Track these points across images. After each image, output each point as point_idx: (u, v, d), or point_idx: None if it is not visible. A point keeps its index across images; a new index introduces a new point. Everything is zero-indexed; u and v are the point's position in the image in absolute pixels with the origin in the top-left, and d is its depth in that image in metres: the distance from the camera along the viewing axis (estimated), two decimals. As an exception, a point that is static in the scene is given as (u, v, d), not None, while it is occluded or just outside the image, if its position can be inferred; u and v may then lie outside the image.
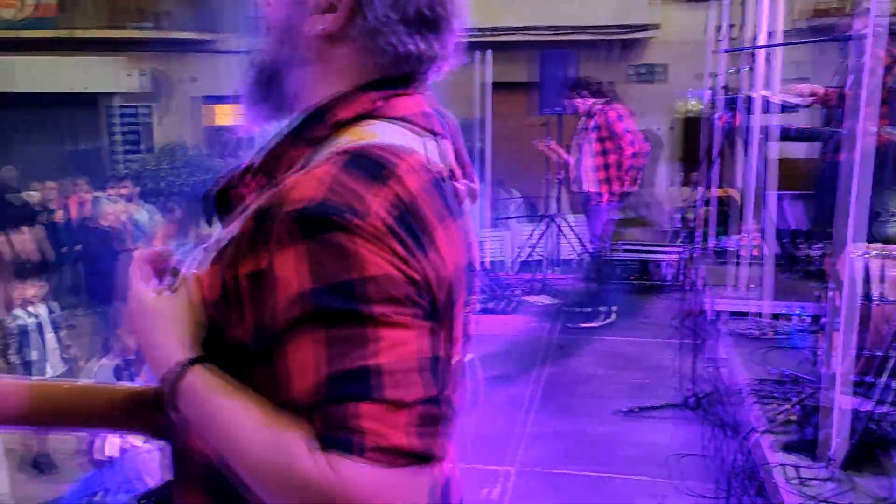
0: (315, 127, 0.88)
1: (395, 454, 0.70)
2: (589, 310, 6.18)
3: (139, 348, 0.91)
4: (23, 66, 11.05)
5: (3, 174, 9.71)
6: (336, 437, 0.70)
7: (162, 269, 0.94)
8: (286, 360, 0.75)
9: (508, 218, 8.28)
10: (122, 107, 11.51)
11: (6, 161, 11.68)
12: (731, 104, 5.02)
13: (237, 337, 0.82)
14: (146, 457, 3.13)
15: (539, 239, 7.44)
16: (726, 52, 5.45)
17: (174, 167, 10.23)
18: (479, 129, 7.83)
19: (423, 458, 0.73)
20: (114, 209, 7.50)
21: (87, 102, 11.45)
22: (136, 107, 11.50)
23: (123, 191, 8.41)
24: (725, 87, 5.40)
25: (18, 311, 4.98)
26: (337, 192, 0.76)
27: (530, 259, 7.61)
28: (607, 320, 6.10)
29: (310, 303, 0.73)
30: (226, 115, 11.84)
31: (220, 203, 0.96)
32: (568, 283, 7.31)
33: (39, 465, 4.99)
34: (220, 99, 11.45)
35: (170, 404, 0.83)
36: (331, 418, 0.71)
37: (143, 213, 8.09)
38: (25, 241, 6.85)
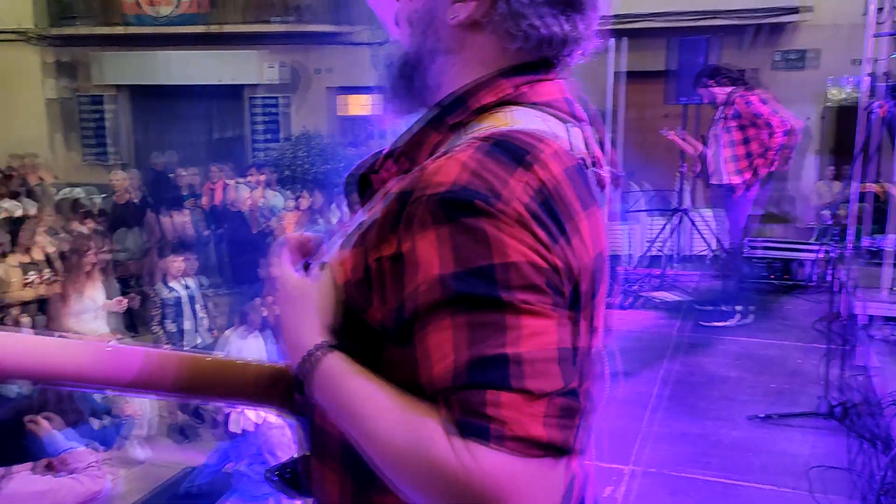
0: (456, 113, 0.88)
1: (533, 445, 0.69)
2: (723, 308, 5.89)
3: (278, 329, 0.93)
4: (176, 59, 11.93)
5: (165, 159, 10.51)
6: (474, 423, 0.70)
7: (307, 254, 0.96)
8: (425, 342, 0.75)
9: (637, 211, 8.03)
10: (262, 97, 12.17)
11: (159, 147, 12.66)
12: (893, 92, 4.63)
13: (376, 318, 0.83)
14: (277, 432, 3.29)
15: (665, 233, 7.18)
16: (889, 35, 5.02)
17: (308, 155, 10.67)
18: (611, 119, 7.64)
19: (560, 450, 0.71)
20: (251, 194, 7.93)
21: (232, 94, 12.20)
22: (275, 97, 12.12)
23: (261, 177, 8.88)
24: (886, 74, 4.99)
25: (174, 283, 5.40)
26: (479, 177, 0.75)
27: (651, 254, 7.36)
28: (743, 320, 5.79)
29: (450, 287, 0.73)
30: (358, 106, 12.24)
31: (362, 187, 0.97)
32: (696, 279, 7.02)
33: (184, 431, 5.39)
34: (353, 90, 11.85)
35: (305, 388, 0.85)
36: (469, 405, 0.70)
37: (278, 199, 8.50)
38: (183, 220, 7.39)
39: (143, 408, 4.70)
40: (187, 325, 5.37)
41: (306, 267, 0.94)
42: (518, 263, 0.73)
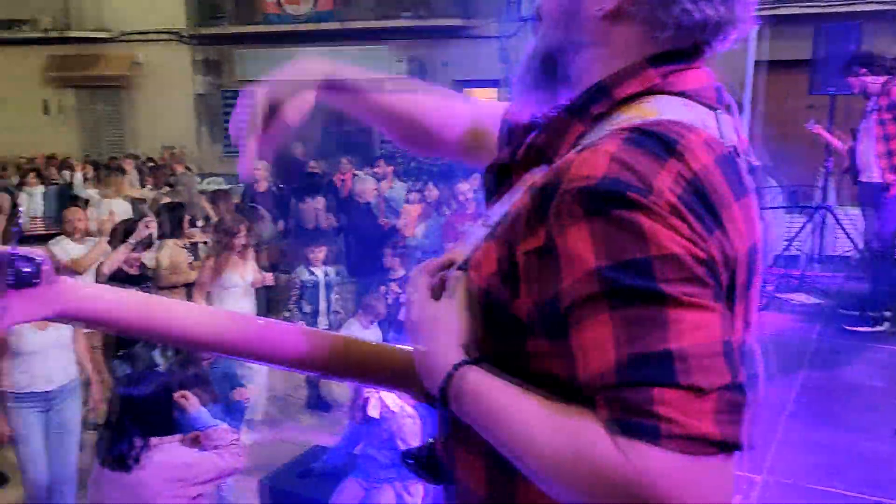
0: (597, 104, 0.87)
1: (703, 443, 0.67)
2: (870, 314, 5.48)
3: (415, 354, 0.94)
4: (303, 56, 12.43)
5: (301, 150, 10.94)
6: (640, 423, 0.67)
7: (443, 275, 0.95)
8: (581, 337, 0.73)
9: (774, 208, 7.60)
10: (387, 92, 12.46)
11: (292, 141, 13.24)
12: None
13: (523, 310, 0.83)
14: (410, 421, 3.38)
15: (801, 232, 6.74)
16: None
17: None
18: (749, 110, 7.26)
19: (731, 447, 0.69)
20: (372, 186, 8.14)
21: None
22: (402, 92, 12.37)
23: (388, 169, 9.10)
24: None
25: (314, 269, 5.70)
26: (630, 169, 0.73)
27: (787, 253, 6.94)
28: (892, 327, 5.36)
29: (603, 280, 0.71)
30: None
31: (499, 178, 0.97)
32: (835, 281, 6.54)
33: (321, 404, 5.66)
34: (479, 83, 11.90)
35: (443, 407, 0.86)
36: (630, 403, 0.68)
37: (398, 191, 8.68)
38: (317, 208, 7.72)
39: (259, 391, 5.03)
40: (319, 309, 5.63)
41: (441, 284, 0.94)
42: (677, 255, 0.71)
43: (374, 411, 3.35)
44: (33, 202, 8.01)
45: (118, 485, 2.54)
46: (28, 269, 0.97)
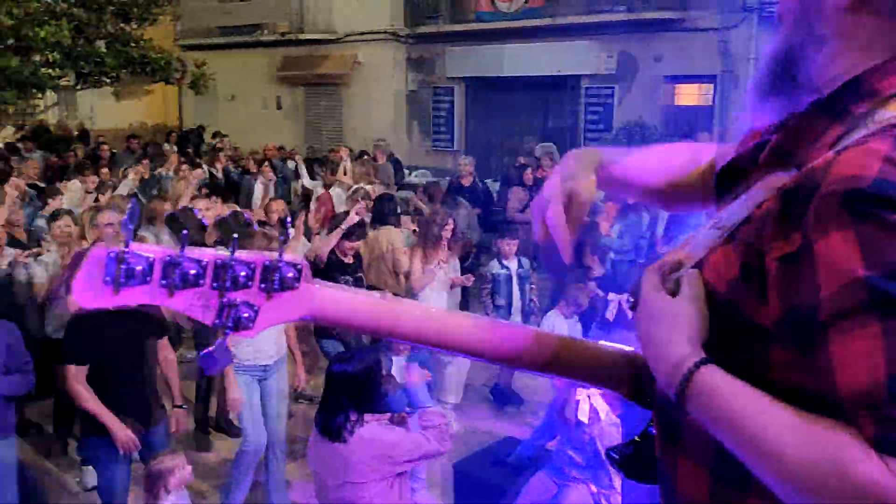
0: (858, 101, 0.81)
1: None
2: None
3: (643, 346, 0.93)
4: (516, 52, 12.61)
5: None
6: None
7: (678, 274, 0.94)
8: (831, 350, 0.70)
9: None
10: (596, 87, 12.30)
11: (492, 136, 13.51)
12: None
13: (753, 317, 0.80)
14: (612, 429, 3.34)
15: None
16: None
17: (630, 147, 10.53)
18: None
19: None
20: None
21: (565, 84, 12.53)
22: (610, 87, 12.16)
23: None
24: None
25: (506, 262, 5.80)
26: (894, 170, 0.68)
27: None
28: None
29: (871, 290, 0.67)
30: (688, 95, 11.71)
31: (732, 182, 0.94)
32: None
33: (514, 398, 5.72)
34: (686, 78, 11.37)
35: (678, 405, 0.84)
36: (894, 422, 0.65)
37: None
38: (520, 199, 7.89)
39: (458, 376, 5.18)
40: (513, 301, 5.68)
41: (676, 283, 0.92)
42: None
43: (583, 415, 3.34)
44: (267, 190, 8.86)
45: (332, 453, 2.76)
46: (291, 274, 1.01)
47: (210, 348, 1.07)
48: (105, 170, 8.90)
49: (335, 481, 2.76)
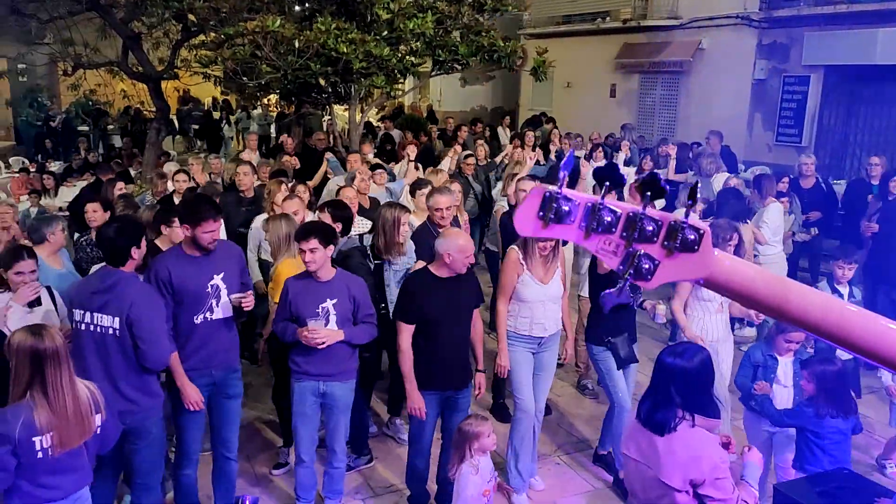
0: None
1: None
2: None
3: None
4: (888, 37, 10.82)
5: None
6: None
7: None
8: None
9: None
10: None
11: (848, 132, 11.83)
12: None
13: None
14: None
15: None
16: None
17: None
18: None
19: None
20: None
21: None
22: None
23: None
24: None
25: (840, 287, 5.16)
26: None
27: None
28: None
29: None
30: None
31: None
32: None
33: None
34: None
35: None
36: None
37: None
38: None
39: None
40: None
41: None
42: None
43: None
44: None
45: (648, 441, 2.69)
46: (692, 237, 1.09)
47: (612, 290, 1.17)
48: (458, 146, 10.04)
49: (649, 473, 2.70)
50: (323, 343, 3.97)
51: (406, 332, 4.04)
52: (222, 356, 4.09)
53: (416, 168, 8.23)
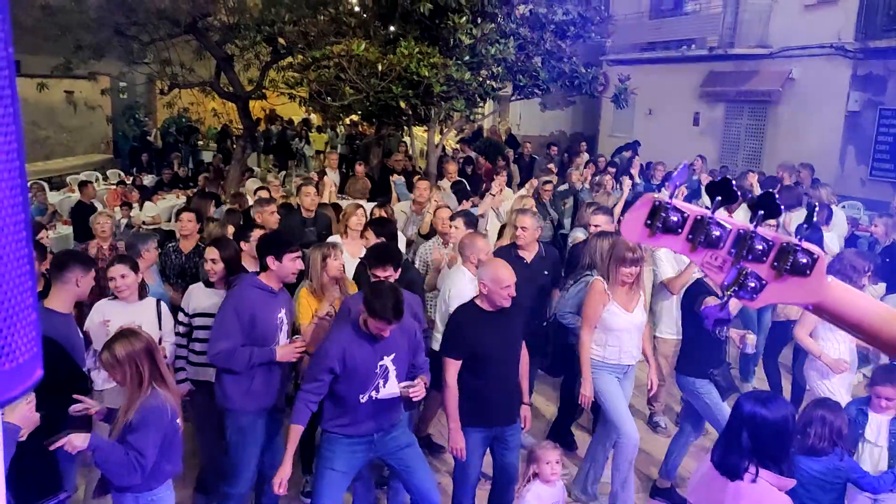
0: None
1: None
2: None
3: None
4: None
5: None
6: None
7: None
8: None
9: None
10: None
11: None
12: None
13: None
14: None
15: None
16: None
17: None
18: None
19: None
20: None
21: None
22: None
23: None
24: None
25: None
26: None
27: None
28: None
29: None
30: None
31: None
32: None
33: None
34: None
35: None
36: None
37: None
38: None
39: None
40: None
41: None
42: None
43: None
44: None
45: (717, 483, 2.58)
46: (805, 261, 1.06)
47: (713, 304, 1.15)
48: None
49: None
50: None
51: (453, 368, 3.83)
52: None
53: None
